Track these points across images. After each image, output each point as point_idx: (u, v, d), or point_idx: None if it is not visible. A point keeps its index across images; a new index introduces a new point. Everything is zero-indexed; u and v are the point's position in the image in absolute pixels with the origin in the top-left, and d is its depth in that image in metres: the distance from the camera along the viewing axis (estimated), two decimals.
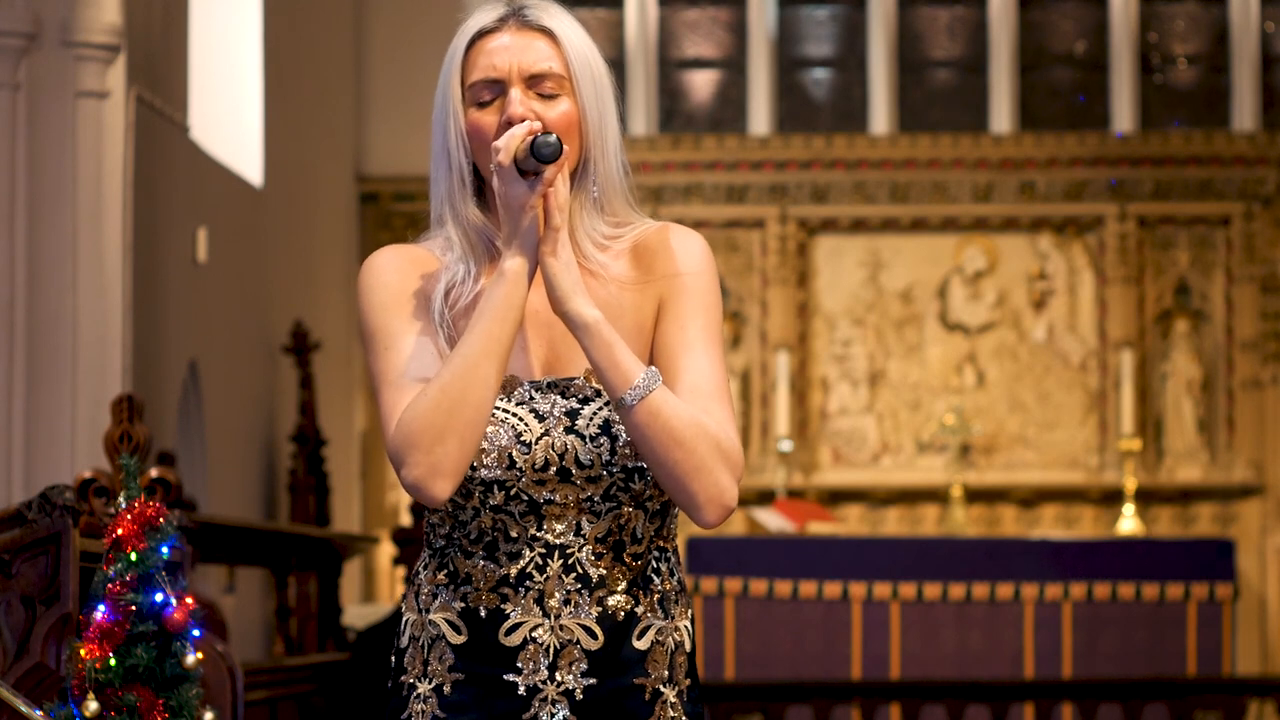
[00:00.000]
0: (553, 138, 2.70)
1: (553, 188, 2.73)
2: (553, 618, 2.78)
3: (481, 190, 2.86)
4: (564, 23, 2.83)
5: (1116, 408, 12.84)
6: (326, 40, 12.97)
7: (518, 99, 2.78)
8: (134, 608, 4.22)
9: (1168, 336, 13.09)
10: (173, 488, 5.58)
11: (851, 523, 12.90)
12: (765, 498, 12.47)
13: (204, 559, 7.47)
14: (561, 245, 2.74)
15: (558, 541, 2.78)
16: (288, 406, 11.76)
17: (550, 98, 2.80)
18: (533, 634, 2.78)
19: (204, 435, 10.28)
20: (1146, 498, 12.83)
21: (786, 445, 12.69)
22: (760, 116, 13.53)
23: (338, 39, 13.17)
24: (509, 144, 2.72)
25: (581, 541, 2.79)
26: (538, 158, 2.70)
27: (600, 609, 2.79)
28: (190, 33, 10.18)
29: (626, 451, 2.77)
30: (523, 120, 2.76)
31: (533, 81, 2.80)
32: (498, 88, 2.80)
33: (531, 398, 2.79)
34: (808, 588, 10.73)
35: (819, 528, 11.67)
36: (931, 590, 10.74)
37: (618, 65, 13.65)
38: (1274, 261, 13.03)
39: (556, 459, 2.76)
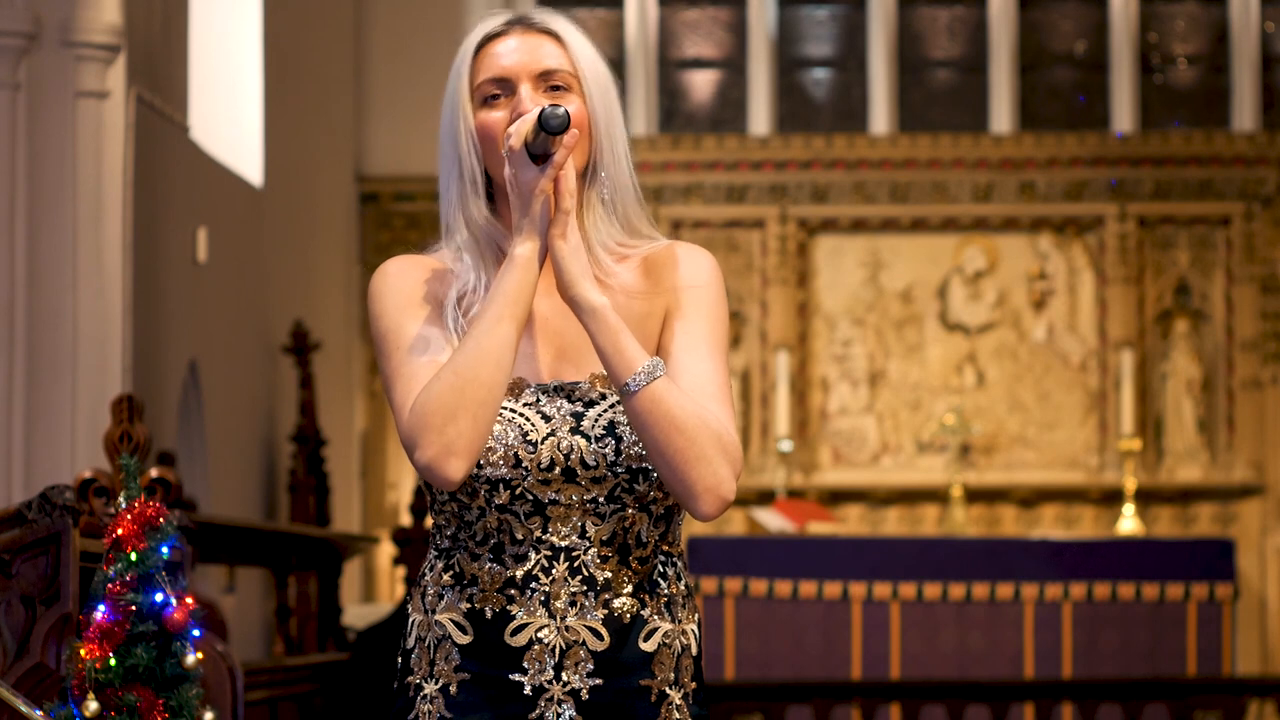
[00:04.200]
0: (560, 109, 2.72)
1: (562, 172, 2.75)
2: (558, 619, 2.79)
3: (492, 196, 2.88)
4: (570, 28, 2.86)
5: (1116, 408, 12.84)
6: (326, 40, 12.97)
7: (527, 95, 2.81)
8: (134, 608, 4.22)
9: (1168, 336, 13.09)
10: (173, 488, 5.57)
11: (851, 523, 12.90)
12: (765, 498, 12.47)
13: (204, 559, 7.47)
14: (571, 230, 2.77)
15: (563, 544, 2.79)
16: (288, 406, 11.76)
17: (560, 90, 2.83)
18: (538, 635, 2.79)
19: (204, 435, 10.27)
20: (1146, 498, 12.83)
21: (786, 445, 12.69)
22: (760, 116, 13.53)
23: (338, 39, 13.17)
24: (520, 127, 2.74)
25: (587, 544, 2.80)
26: (546, 129, 2.71)
27: (606, 611, 2.80)
28: (190, 33, 10.18)
29: (632, 453, 2.78)
30: None
31: (541, 78, 2.83)
32: (506, 86, 2.83)
33: (538, 400, 2.81)
34: (808, 588, 10.74)
35: (819, 528, 11.67)
36: (931, 590, 10.74)
37: (618, 65, 13.64)
38: (1274, 261, 13.02)
39: (562, 459, 2.78)
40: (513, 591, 2.79)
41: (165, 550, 4.27)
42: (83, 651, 4.20)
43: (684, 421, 2.73)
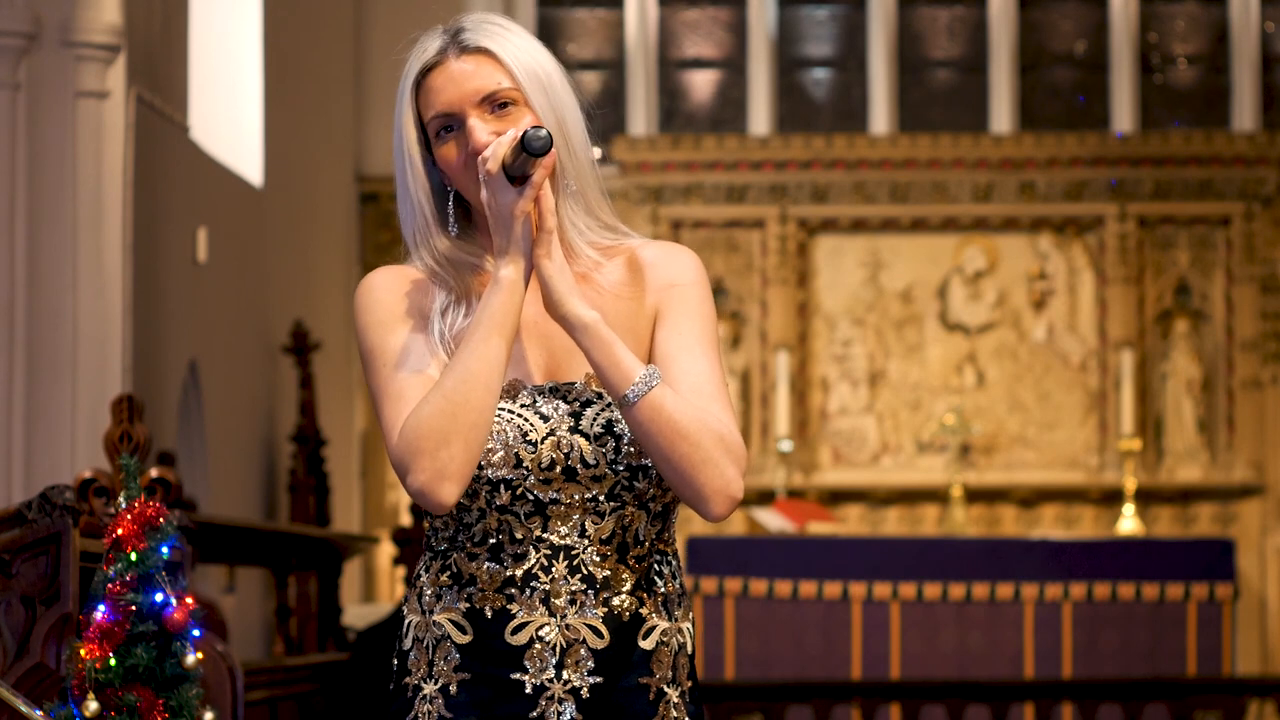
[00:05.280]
0: (543, 131, 2.71)
1: (543, 191, 2.75)
2: (559, 617, 2.79)
3: (469, 212, 2.89)
4: (501, 37, 2.85)
5: (1116, 408, 12.84)
6: (326, 40, 12.97)
7: (478, 128, 2.81)
8: (134, 608, 4.22)
9: (1168, 336, 13.09)
10: (173, 488, 5.57)
11: (851, 523, 12.90)
12: (765, 498, 12.47)
13: (204, 559, 7.47)
14: (555, 248, 2.77)
15: (563, 543, 2.80)
16: (288, 406, 11.76)
17: (507, 107, 2.82)
18: (539, 633, 2.79)
19: (204, 435, 10.28)
20: (1146, 498, 12.83)
21: (786, 445, 12.69)
22: (760, 116, 13.53)
23: (338, 39, 13.17)
24: (496, 151, 2.75)
25: (586, 543, 2.80)
26: (530, 152, 2.70)
27: (606, 609, 2.80)
28: (190, 33, 10.18)
29: (631, 450, 2.79)
30: (487, 147, 2.78)
31: (485, 102, 2.82)
32: (454, 119, 2.83)
33: (535, 401, 2.81)
34: (808, 588, 10.73)
35: (819, 528, 11.67)
36: (931, 590, 10.74)
37: (617, 65, 13.65)
38: (1274, 261, 13.02)
39: (563, 458, 2.78)
40: (512, 590, 2.79)
41: (165, 550, 4.27)
42: (83, 651, 4.20)
43: (686, 427, 2.74)
